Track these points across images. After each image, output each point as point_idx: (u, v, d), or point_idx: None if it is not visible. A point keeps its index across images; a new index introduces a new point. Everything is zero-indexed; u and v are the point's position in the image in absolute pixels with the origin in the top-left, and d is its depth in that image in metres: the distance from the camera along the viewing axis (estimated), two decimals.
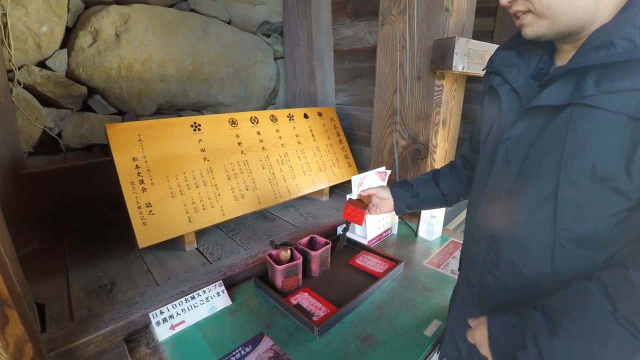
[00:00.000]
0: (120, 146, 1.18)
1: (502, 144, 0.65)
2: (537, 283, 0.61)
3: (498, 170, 0.66)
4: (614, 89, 0.49)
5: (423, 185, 1.02)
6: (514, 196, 0.63)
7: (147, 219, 1.17)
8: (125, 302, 1.03)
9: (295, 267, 1.11)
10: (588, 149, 0.52)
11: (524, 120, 0.62)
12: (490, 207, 0.69)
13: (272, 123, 1.68)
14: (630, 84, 0.48)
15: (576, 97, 0.53)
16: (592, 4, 0.53)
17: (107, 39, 1.86)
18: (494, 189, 0.68)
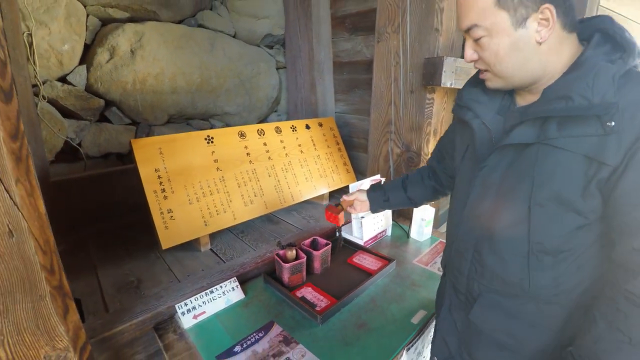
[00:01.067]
0: (144, 159, 1.33)
1: (479, 171, 0.77)
2: (515, 286, 0.74)
3: (477, 194, 0.79)
4: (572, 134, 0.62)
5: (393, 191, 1.20)
6: (494, 216, 0.75)
7: (168, 223, 1.32)
8: (152, 296, 1.18)
9: (300, 265, 1.26)
10: (554, 180, 0.65)
11: (497, 152, 0.74)
12: (473, 225, 0.80)
13: (276, 134, 1.83)
14: (584, 132, 0.60)
15: (542, 138, 0.65)
16: (539, 68, 0.67)
17: (123, 55, 2.00)
18: (474, 209, 0.80)
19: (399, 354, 1.00)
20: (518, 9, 0.63)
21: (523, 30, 0.65)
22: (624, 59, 0.61)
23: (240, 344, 0.98)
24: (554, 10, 0.62)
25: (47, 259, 0.76)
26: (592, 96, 0.59)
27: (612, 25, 0.65)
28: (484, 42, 0.68)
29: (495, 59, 0.68)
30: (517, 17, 0.64)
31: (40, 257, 0.74)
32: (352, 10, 2.37)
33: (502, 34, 0.66)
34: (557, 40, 0.66)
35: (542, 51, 0.66)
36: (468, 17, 0.68)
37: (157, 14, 2.12)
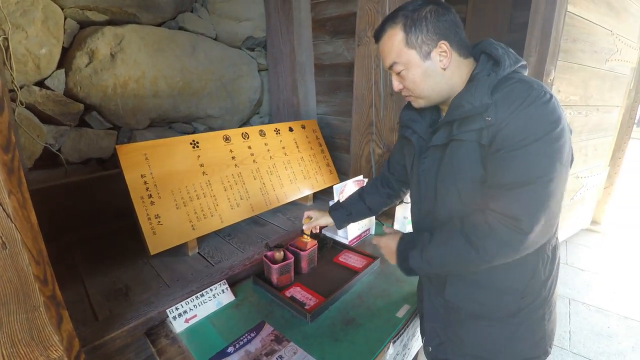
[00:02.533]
0: (129, 165, 1.34)
1: (421, 175, 0.96)
2: None
3: (423, 193, 0.97)
4: (467, 129, 0.81)
5: (353, 205, 1.34)
6: (438, 207, 0.93)
7: (156, 228, 1.33)
8: (142, 302, 1.19)
9: (288, 266, 1.30)
10: (465, 165, 0.83)
11: (429, 157, 0.93)
12: (427, 219, 0.98)
13: (261, 137, 1.85)
14: (474, 126, 0.80)
15: (450, 136, 0.85)
16: (447, 87, 0.87)
17: (103, 59, 1.98)
18: (424, 206, 0.98)
19: (386, 346, 1.06)
20: (422, 47, 0.83)
21: (429, 61, 0.84)
22: (496, 71, 0.80)
23: (233, 345, 1.01)
24: (447, 44, 0.82)
25: (40, 270, 0.77)
26: (474, 101, 0.78)
27: (490, 46, 0.85)
28: (403, 74, 0.86)
29: (413, 85, 0.87)
30: (423, 52, 0.83)
31: (33, 268, 0.75)
32: (333, 13, 2.42)
33: (414, 66, 0.84)
34: (456, 64, 0.85)
35: (447, 75, 0.85)
36: (389, 57, 0.86)
37: (137, 17, 2.11)
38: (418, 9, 0.83)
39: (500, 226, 0.75)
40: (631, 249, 3.37)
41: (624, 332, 2.21)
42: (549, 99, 0.74)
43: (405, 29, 0.83)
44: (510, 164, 0.75)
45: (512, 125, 0.74)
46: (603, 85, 2.79)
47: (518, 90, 0.76)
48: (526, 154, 0.73)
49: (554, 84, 2.24)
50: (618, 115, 3.31)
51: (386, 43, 0.87)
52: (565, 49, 2.23)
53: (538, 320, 0.90)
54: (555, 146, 0.73)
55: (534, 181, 0.73)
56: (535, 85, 0.76)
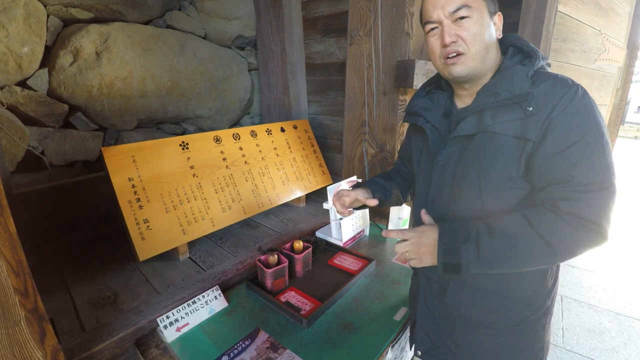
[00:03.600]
0: (116, 168, 1.29)
1: (435, 166, 0.88)
2: None
3: (436, 188, 0.88)
4: (502, 120, 0.76)
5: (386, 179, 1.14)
6: (452, 204, 0.85)
7: (145, 233, 1.28)
8: (131, 310, 1.15)
9: (282, 270, 1.27)
10: (496, 160, 0.77)
11: (447, 148, 0.85)
12: (436, 217, 0.87)
13: (252, 138, 1.81)
14: (511, 117, 0.75)
15: (480, 127, 0.78)
16: (489, 61, 0.80)
17: (88, 57, 1.92)
18: (435, 202, 0.89)
19: (385, 351, 1.03)
20: (492, 4, 0.79)
21: (492, 23, 0.79)
22: (532, 62, 0.77)
23: (227, 354, 0.97)
24: (501, 17, 0.81)
25: (20, 282, 0.72)
26: (514, 89, 0.74)
27: (519, 40, 0.82)
28: (466, 22, 0.77)
29: (473, 39, 0.77)
30: (491, 10, 0.79)
31: (12, 280, 0.70)
32: (324, 12, 2.39)
33: (482, 18, 0.77)
34: (496, 46, 0.82)
35: (494, 47, 0.80)
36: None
37: (123, 14, 2.05)
38: None
39: (583, 229, 0.70)
40: (621, 245, 3.42)
41: (616, 328, 2.23)
42: (589, 97, 0.73)
43: None
44: (581, 162, 0.70)
45: (569, 122, 0.70)
46: (592, 85, 2.82)
47: (562, 85, 0.73)
48: (596, 154, 0.70)
49: None
50: (606, 114, 3.36)
51: None
52: (555, 48, 2.24)
53: (539, 330, 0.88)
54: (607, 145, 0.71)
55: (610, 185, 0.70)
56: (571, 82, 0.74)
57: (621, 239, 3.53)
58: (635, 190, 5.48)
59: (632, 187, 5.66)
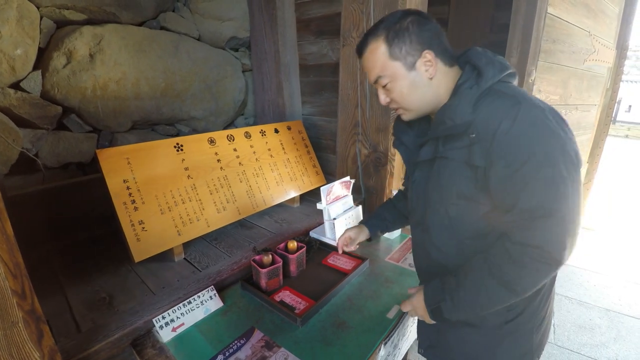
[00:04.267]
0: (111, 170, 1.29)
1: (412, 187, 0.98)
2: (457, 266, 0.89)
3: (413, 203, 1.00)
4: (452, 147, 0.81)
5: (387, 211, 1.34)
6: (427, 221, 0.94)
7: (140, 235, 1.29)
8: (127, 311, 1.15)
9: (276, 269, 1.28)
10: (453, 183, 0.83)
11: (418, 169, 0.94)
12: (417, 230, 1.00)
13: (246, 139, 1.83)
14: (459, 145, 0.80)
15: (437, 153, 0.85)
16: (434, 97, 0.87)
17: (81, 59, 1.92)
18: (414, 217, 1.01)
19: (377, 348, 1.05)
20: (407, 58, 0.83)
21: (415, 72, 0.84)
22: (478, 83, 0.79)
23: (223, 353, 0.99)
24: (432, 53, 0.82)
25: (17, 284, 0.73)
26: (455, 118, 0.78)
27: (475, 56, 0.83)
28: (389, 87, 0.87)
29: (401, 97, 0.87)
30: (408, 63, 0.83)
31: (10, 282, 0.72)
32: (317, 13, 2.41)
33: (400, 78, 0.85)
34: (442, 73, 0.85)
35: (433, 84, 0.85)
36: (374, 71, 0.87)
37: (116, 16, 2.05)
38: (399, 21, 0.83)
39: (531, 261, 0.72)
40: (611, 242, 3.48)
41: (606, 324, 2.28)
42: (535, 117, 0.71)
43: (388, 41, 0.83)
44: (526, 187, 0.70)
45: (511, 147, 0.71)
46: (581, 85, 2.87)
47: (504, 107, 0.73)
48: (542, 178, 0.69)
49: (535, 83, 2.28)
50: (596, 114, 3.41)
51: (369, 57, 0.87)
52: (545, 49, 2.28)
53: (525, 333, 0.90)
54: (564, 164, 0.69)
55: (556, 211, 0.69)
56: (521, 97, 0.73)
57: (612, 237, 3.59)
58: (625, 189, 5.56)
59: (622, 186, 5.74)
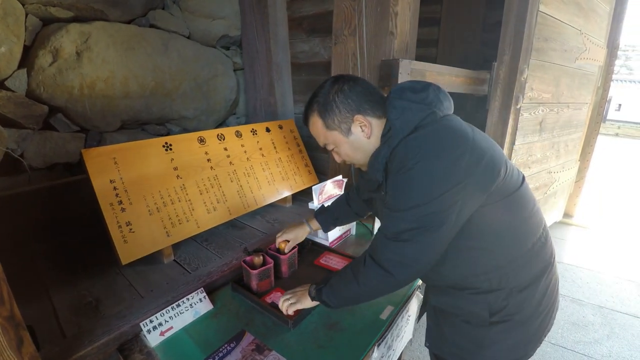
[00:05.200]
0: (97, 170, 1.26)
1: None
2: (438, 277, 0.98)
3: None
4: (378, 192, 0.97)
5: (340, 209, 1.38)
6: None
7: (127, 236, 1.26)
8: (113, 315, 1.12)
9: (268, 270, 1.26)
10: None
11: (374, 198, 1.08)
12: None
13: (237, 138, 1.80)
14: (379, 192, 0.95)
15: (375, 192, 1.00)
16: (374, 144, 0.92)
17: (68, 57, 1.88)
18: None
19: (371, 349, 1.03)
20: (341, 125, 0.91)
21: (353, 135, 0.92)
22: (389, 142, 0.86)
23: (212, 357, 0.96)
24: (362, 116, 0.89)
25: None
26: (373, 175, 0.91)
27: (390, 105, 0.89)
28: (336, 150, 0.98)
29: (348, 157, 0.98)
30: (344, 130, 0.92)
31: None
32: (309, 12, 2.39)
33: (342, 143, 0.94)
34: (378, 128, 0.91)
35: (372, 142, 0.92)
36: (319, 139, 0.98)
37: (104, 13, 2.01)
38: (326, 95, 0.91)
39: (376, 270, 0.85)
40: (602, 239, 3.50)
41: (599, 321, 2.28)
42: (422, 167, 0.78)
43: (322, 115, 0.92)
44: (389, 219, 0.86)
45: (394, 189, 0.84)
46: (573, 83, 2.88)
47: (398, 157, 0.82)
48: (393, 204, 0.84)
49: (527, 81, 2.29)
50: (587, 112, 3.43)
51: (312, 129, 0.98)
52: (537, 47, 2.28)
53: (514, 325, 0.90)
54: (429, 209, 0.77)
55: (404, 239, 0.81)
56: (428, 142, 0.80)
57: (603, 234, 3.62)
58: (616, 187, 5.62)
59: (613, 184, 5.80)
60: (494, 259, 0.87)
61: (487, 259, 0.87)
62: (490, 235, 0.86)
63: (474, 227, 0.83)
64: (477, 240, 0.86)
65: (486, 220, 0.83)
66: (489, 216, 0.83)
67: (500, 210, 0.84)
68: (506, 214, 0.85)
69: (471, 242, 0.86)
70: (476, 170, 0.78)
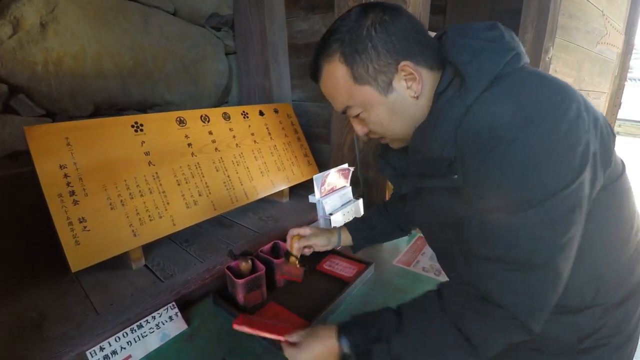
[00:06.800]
0: (43, 152, 1.00)
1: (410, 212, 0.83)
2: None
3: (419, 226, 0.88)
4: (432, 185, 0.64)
5: (378, 217, 1.06)
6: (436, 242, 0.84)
7: (80, 236, 1.00)
8: (57, 338, 0.87)
9: (258, 279, 1.01)
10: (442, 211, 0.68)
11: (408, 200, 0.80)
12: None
13: (225, 121, 1.54)
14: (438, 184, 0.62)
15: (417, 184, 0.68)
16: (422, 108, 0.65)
17: (31, 29, 1.64)
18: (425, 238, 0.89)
19: None
20: (378, 77, 0.62)
21: (394, 93, 0.63)
22: (462, 97, 0.57)
23: None
24: (411, 64, 0.61)
25: None
26: (432, 149, 0.60)
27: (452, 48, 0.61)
28: (363, 117, 0.68)
29: (382, 127, 0.68)
30: (381, 85, 0.63)
31: None
32: None
33: (375, 105, 0.65)
34: (430, 84, 0.64)
35: (421, 103, 0.64)
36: (338, 101, 0.68)
37: None
38: (355, 27, 0.61)
39: (501, 320, 0.56)
40: None
41: None
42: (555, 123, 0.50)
43: (347, 61, 0.62)
44: (497, 233, 0.55)
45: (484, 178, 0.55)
46: (594, 69, 2.70)
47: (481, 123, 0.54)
48: (520, 223, 0.53)
49: (552, 62, 2.05)
50: (604, 102, 3.25)
51: (327, 84, 0.67)
52: (562, 24, 2.06)
53: (610, 352, 0.65)
54: (564, 204, 0.51)
55: (537, 264, 0.53)
56: (525, 99, 0.53)
57: None
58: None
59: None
60: (592, 267, 0.62)
61: (583, 267, 0.61)
62: (592, 235, 0.59)
63: None
64: None
65: (591, 214, 0.57)
66: (595, 209, 0.57)
67: (607, 201, 0.59)
68: (611, 206, 0.60)
69: None
70: (596, 141, 0.53)
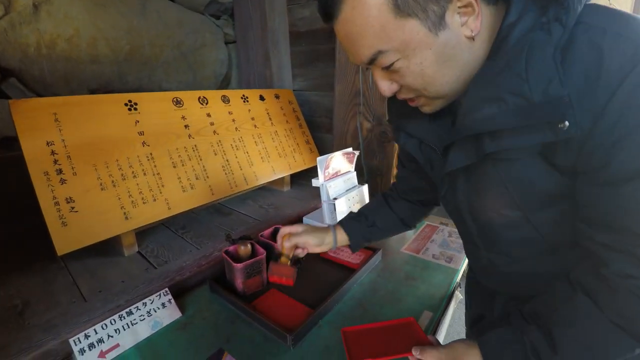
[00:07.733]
0: (29, 127, 0.93)
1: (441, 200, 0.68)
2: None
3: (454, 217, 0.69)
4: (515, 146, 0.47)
5: (377, 211, 0.93)
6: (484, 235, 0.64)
7: (67, 217, 0.93)
8: (40, 326, 0.80)
9: (258, 264, 0.94)
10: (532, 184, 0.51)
11: (446, 180, 0.62)
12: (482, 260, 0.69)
13: (224, 104, 1.47)
14: (527, 141, 0.46)
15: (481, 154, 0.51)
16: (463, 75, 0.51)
17: (23, 10, 1.57)
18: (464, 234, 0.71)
19: None
20: (428, 8, 0.45)
21: (445, 31, 0.47)
22: (560, 19, 0.41)
23: None
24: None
25: None
26: (531, 92, 0.42)
27: None
28: (399, 67, 0.50)
29: (423, 81, 0.51)
30: (432, 19, 0.46)
31: None
32: None
33: (420, 48, 0.48)
34: (488, 22, 0.49)
35: (476, 48, 0.50)
36: (367, 44, 0.49)
37: None
38: None
39: None
40: None
41: None
42: None
43: None
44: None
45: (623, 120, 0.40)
46: None
47: (622, 51, 0.39)
48: None
49: None
50: None
51: (353, 19, 0.48)
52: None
53: None
54: None
55: None
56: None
57: None
58: None
59: None
60: None
61: None
62: None
63: None
64: None
65: None
66: None
67: None
68: None
69: None
70: None
